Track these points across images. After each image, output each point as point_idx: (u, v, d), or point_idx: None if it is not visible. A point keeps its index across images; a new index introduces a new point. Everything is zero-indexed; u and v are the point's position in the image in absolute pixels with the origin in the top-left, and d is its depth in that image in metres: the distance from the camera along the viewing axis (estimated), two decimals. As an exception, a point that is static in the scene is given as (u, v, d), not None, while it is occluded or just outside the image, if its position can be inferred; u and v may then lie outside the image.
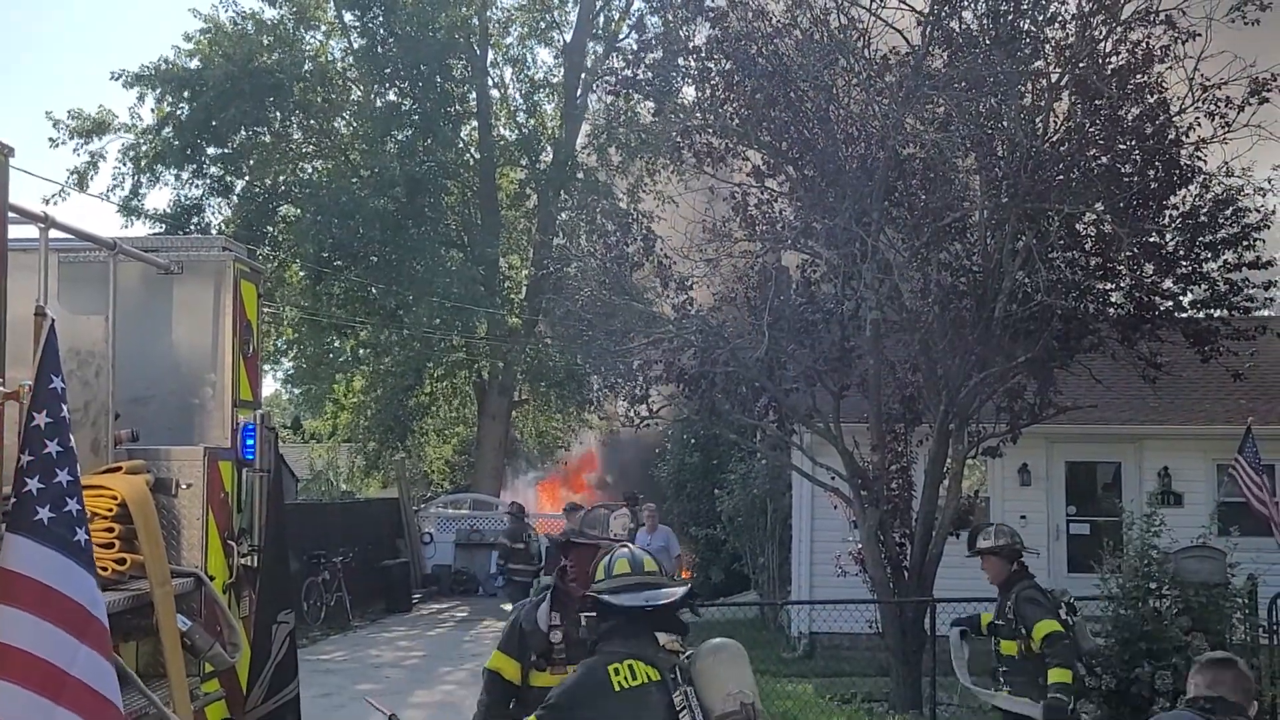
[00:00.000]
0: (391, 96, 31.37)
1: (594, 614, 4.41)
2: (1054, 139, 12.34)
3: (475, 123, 32.64)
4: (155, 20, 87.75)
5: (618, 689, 4.08)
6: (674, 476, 25.36)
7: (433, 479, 38.02)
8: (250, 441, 6.27)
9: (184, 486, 5.79)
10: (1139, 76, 12.37)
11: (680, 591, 4.39)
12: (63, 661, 4.00)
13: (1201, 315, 13.66)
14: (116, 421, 5.79)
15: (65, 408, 4.25)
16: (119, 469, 5.43)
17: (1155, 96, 12.33)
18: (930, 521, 13.20)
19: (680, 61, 13.52)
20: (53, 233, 5.24)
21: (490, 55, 32.99)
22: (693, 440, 24.15)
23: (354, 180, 30.10)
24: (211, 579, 5.81)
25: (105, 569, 4.99)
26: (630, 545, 4.66)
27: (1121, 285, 13.33)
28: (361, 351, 32.75)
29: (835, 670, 15.31)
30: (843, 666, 15.54)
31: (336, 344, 33.12)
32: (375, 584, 24.12)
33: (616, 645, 4.24)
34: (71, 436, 4.25)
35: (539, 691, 4.73)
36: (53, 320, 4.34)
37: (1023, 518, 18.00)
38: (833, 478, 13.63)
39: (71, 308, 5.71)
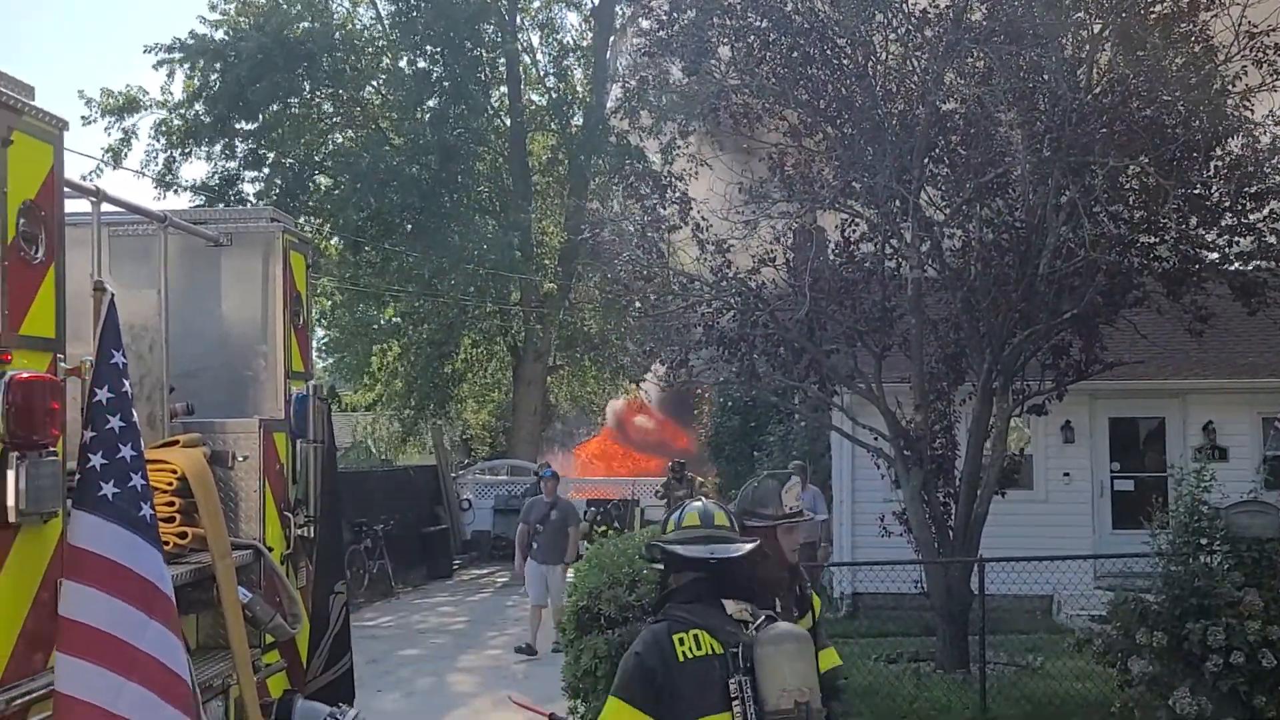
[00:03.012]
0: (422, 64, 31.27)
1: (660, 565, 4.33)
2: (1096, 91, 12.14)
3: (505, 89, 32.51)
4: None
5: (681, 659, 3.97)
6: (711, 439, 25.36)
7: (471, 445, 38.14)
8: (303, 412, 6.26)
9: (240, 459, 5.79)
10: (1183, 25, 12.14)
11: (747, 547, 4.24)
12: (132, 637, 4.01)
13: (1249, 267, 13.47)
14: (171, 395, 5.79)
15: (127, 382, 4.24)
16: (176, 442, 5.43)
17: (1201, 45, 12.08)
18: (975, 480, 13.12)
19: (715, 20, 13.36)
20: (103, 207, 5.22)
21: (518, 19, 32.81)
22: (729, 403, 24.11)
23: (386, 149, 30.09)
24: (270, 550, 5.82)
25: (167, 543, 4.98)
26: (704, 497, 4.52)
27: (1165, 238, 13.14)
28: (397, 320, 32.83)
29: (880, 630, 15.30)
30: (887, 626, 15.52)
31: (373, 313, 33.22)
32: (416, 551, 24.26)
33: (683, 612, 4.11)
34: (134, 411, 4.25)
35: None
36: (112, 295, 4.33)
37: (1066, 475, 17.93)
38: (875, 438, 13.57)
39: (119, 282, 5.69)
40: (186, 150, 30.05)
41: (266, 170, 31.00)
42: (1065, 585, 14.99)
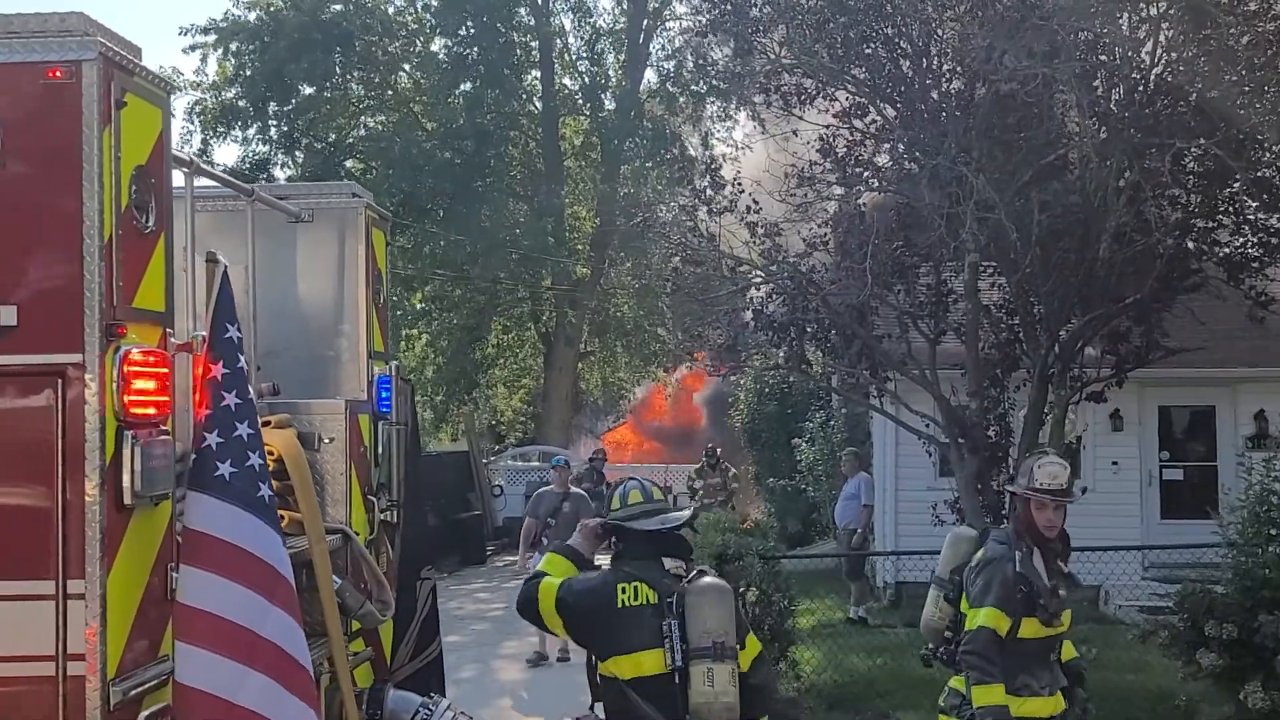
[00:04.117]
0: (456, 48, 31.08)
1: (614, 537, 5.01)
2: (1159, 70, 11.87)
3: (538, 73, 32.32)
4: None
5: (620, 605, 4.66)
6: (748, 426, 25.13)
7: (502, 431, 38.01)
8: (386, 394, 6.09)
9: (326, 441, 5.62)
10: (1251, 2, 11.83)
11: (686, 514, 5.08)
12: (253, 624, 3.83)
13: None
14: (257, 375, 5.62)
15: (243, 357, 4.06)
16: (268, 423, 5.25)
17: (1272, 21, 11.75)
18: (1031, 469, 12.87)
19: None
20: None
21: (552, 3, 32.59)
22: (765, 389, 23.87)
23: (419, 133, 29.95)
24: (356, 535, 5.65)
25: (270, 527, 4.83)
26: (638, 477, 5.23)
27: (1225, 223, 12.87)
28: (426, 306, 32.70)
29: (924, 620, 15.05)
30: (933, 616, 15.27)
31: (396, 298, 33.05)
32: (450, 537, 24.13)
33: (629, 565, 4.82)
34: (251, 388, 4.07)
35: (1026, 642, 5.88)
36: (225, 267, 4.15)
37: (1115, 464, 17.65)
38: (927, 425, 13.35)
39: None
40: (220, 133, 29.97)
41: (299, 154, 30.90)
42: (1114, 576, 14.72)
